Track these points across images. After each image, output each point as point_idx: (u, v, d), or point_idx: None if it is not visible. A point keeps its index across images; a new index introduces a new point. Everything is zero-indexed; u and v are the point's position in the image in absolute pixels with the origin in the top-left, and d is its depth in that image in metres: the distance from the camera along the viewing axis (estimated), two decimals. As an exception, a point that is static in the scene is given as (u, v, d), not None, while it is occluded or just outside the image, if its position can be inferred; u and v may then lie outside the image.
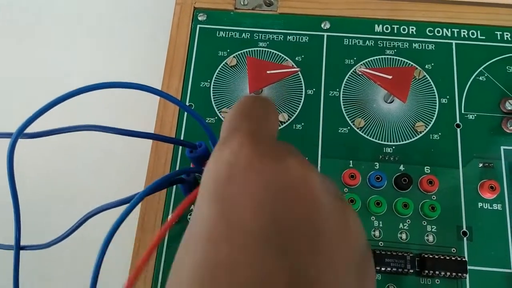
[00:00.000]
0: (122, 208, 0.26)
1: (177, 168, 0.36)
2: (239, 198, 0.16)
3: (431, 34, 0.40)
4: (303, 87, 0.39)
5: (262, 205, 0.15)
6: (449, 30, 0.40)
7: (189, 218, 0.34)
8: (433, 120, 0.37)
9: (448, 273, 0.32)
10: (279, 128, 0.37)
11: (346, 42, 0.40)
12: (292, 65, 0.39)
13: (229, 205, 0.16)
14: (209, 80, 0.39)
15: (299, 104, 0.38)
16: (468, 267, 0.33)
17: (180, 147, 0.37)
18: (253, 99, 0.21)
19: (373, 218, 0.34)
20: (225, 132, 0.19)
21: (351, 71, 0.39)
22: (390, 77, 0.35)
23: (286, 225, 0.15)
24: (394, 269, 0.32)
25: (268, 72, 0.35)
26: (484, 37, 0.40)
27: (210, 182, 0.17)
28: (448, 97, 0.38)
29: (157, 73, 0.39)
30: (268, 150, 0.17)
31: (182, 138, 0.37)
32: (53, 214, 0.39)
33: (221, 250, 0.15)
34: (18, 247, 0.30)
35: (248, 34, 0.40)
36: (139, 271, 0.25)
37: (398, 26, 0.41)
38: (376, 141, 0.37)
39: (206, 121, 0.37)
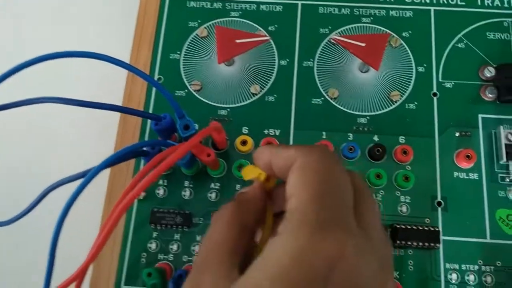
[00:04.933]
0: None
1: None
2: None
3: (409, 0, 0.39)
4: (276, 58, 0.38)
5: None
6: (428, -5, 0.39)
7: (157, 194, 0.34)
8: (409, 89, 0.36)
9: (421, 244, 0.31)
10: (251, 100, 0.36)
11: (321, 11, 0.39)
12: (264, 35, 0.38)
13: None
14: (179, 52, 0.38)
15: (272, 75, 0.37)
16: (442, 238, 0.32)
17: (149, 121, 0.36)
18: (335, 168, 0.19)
19: (345, 190, 0.34)
20: (318, 216, 0.17)
21: (325, 40, 0.38)
22: (363, 44, 0.34)
23: None
24: (365, 240, 0.31)
25: (237, 41, 0.34)
26: (464, 3, 0.39)
27: (299, 277, 0.15)
28: (425, 65, 0.37)
29: (125, 45, 0.37)
30: (369, 259, 0.17)
31: (150, 112, 0.36)
32: (15, 191, 0.38)
33: None
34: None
35: (219, 4, 0.39)
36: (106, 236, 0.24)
37: (374, -7, 0.39)
38: (350, 111, 0.36)
39: (176, 94, 0.36)
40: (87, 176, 0.24)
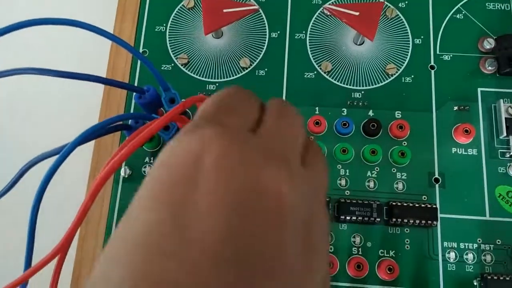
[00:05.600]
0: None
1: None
2: (201, 205, 0.13)
3: (406, -30, 0.37)
4: (267, 30, 0.36)
5: (226, 217, 0.13)
6: (425, -36, 0.37)
7: (143, 172, 0.32)
8: (406, 62, 0.35)
9: (417, 221, 0.30)
10: (241, 74, 0.35)
11: (313, -19, 0.37)
12: (253, 4, 0.36)
13: (187, 211, 0.13)
14: (164, 24, 0.36)
15: (263, 48, 0.35)
16: (440, 215, 0.31)
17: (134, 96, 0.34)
18: (235, 90, 0.18)
19: (339, 167, 0.32)
20: (195, 120, 0.16)
21: (318, 11, 0.36)
22: (356, 13, 0.32)
23: (244, 246, 0.12)
24: (360, 218, 0.30)
25: (224, 10, 0.32)
26: (463, -28, 0.37)
27: (165, 177, 0.13)
28: (422, 37, 0.35)
29: (108, 17, 0.36)
30: (247, 149, 0.14)
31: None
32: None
33: (168, 265, 0.12)
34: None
35: (207, -26, 0.37)
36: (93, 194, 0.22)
37: (369, -39, 0.38)
38: (344, 85, 0.34)
39: (162, 68, 0.35)
40: (63, 151, 0.23)
